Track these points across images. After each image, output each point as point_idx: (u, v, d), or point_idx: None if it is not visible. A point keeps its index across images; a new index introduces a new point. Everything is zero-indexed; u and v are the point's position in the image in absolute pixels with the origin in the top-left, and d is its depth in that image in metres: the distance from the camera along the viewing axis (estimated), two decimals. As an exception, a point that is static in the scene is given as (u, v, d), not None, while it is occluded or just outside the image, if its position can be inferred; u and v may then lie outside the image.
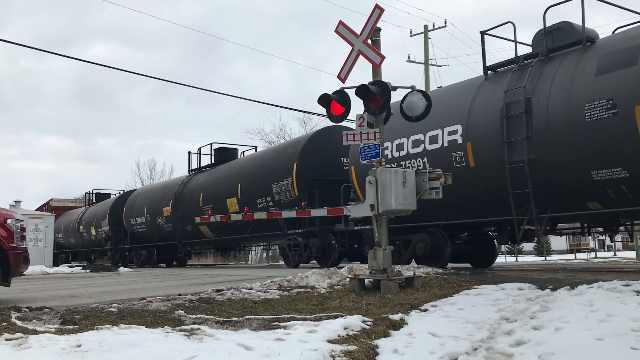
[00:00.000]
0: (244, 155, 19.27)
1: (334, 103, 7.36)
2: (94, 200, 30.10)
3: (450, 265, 10.47)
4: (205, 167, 19.84)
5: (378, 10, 7.14)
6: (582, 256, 30.04)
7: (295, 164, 13.95)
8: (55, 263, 26.31)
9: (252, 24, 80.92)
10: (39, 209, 35.76)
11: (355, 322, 4.48)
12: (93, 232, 26.87)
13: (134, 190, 26.47)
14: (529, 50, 9.53)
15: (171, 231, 20.03)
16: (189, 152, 20.86)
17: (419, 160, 9.99)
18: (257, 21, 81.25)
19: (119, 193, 27.90)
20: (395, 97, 8.16)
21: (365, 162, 7.08)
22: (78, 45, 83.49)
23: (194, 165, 20.47)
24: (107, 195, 30.09)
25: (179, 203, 19.25)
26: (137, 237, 22.63)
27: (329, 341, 3.89)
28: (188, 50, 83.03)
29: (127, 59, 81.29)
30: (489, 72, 9.79)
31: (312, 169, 13.87)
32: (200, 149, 20.29)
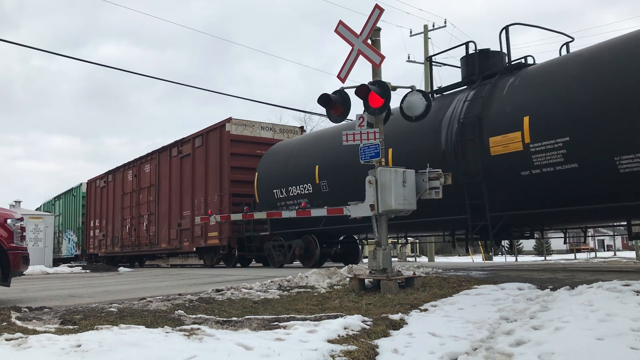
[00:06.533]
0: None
1: (333, 103, 7.36)
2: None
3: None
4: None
5: (378, 10, 7.14)
6: (582, 256, 30.05)
7: None
8: (263, 261, 16.16)
9: (265, 23, 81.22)
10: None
11: (355, 322, 4.48)
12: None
13: None
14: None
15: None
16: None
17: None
18: (270, 21, 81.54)
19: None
20: (395, 96, 8.13)
21: (364, 162, 7.08)
22: (90, 45, 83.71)
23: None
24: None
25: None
26: None
27: (329, 341, 3.88)
28: (200, 50, 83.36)
29: (138, 59, 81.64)
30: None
31: None
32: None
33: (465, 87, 10.70)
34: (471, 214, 9.58)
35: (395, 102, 7.77)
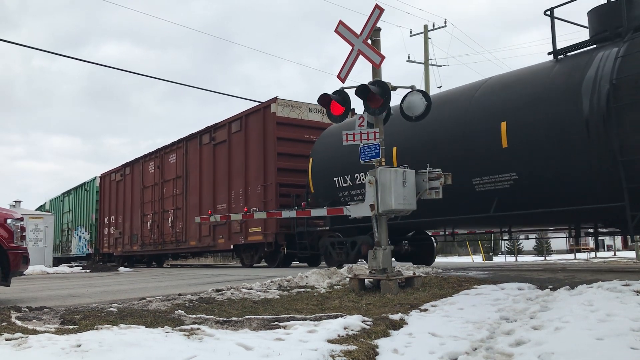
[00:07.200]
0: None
1: (333, 103, 7.37)
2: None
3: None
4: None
5: (378, 10, 7.14)
6: (582, 256, 30.05)
7: None
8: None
9: (266, 23, 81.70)
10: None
11: (355, 322, 4.48)
12: None
13: None
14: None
15: None
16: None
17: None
18: (271, 21, 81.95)
19: None
20: (395, 97, 8.11)
21: (364, 162, 7.09)
22: (91, 45, 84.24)
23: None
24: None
25: None
26: None
27: (329, 341, 3.88)
28: (201, 50, 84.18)
29: (139, 60, 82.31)
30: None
31: None
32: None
33: (595, 45, 8.55)
34: (630, 201, 7.43)
35: (395, 102, 7.79)
